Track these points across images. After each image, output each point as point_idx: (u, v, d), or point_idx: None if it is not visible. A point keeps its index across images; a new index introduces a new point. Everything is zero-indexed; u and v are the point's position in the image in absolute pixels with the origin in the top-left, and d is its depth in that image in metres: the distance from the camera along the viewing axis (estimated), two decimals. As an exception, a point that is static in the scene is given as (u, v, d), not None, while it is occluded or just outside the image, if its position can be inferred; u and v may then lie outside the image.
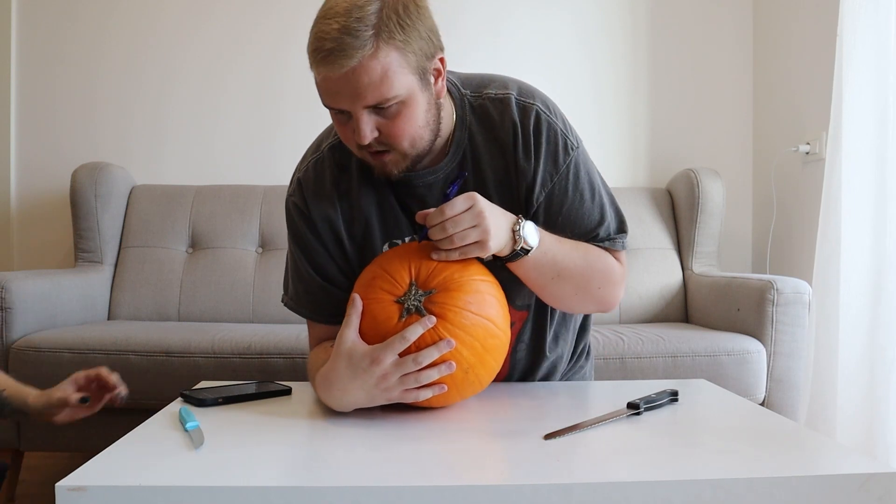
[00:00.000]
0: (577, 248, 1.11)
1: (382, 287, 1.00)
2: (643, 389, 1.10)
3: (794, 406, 1.94)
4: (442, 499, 0.72)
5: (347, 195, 1.12)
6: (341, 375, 0.96)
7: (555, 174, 1.10)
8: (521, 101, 1.10)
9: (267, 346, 1.84)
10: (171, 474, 0.77)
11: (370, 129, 0.98)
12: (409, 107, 0.99)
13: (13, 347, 1.88)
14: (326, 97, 0.99)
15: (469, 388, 1.01)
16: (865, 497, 0.75)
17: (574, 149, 1.11)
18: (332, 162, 1.13)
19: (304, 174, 1.14)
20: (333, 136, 1.14)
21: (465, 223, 0.97)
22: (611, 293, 1.15)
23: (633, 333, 1.95)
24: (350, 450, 0.89)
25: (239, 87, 2.70)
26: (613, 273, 1.14)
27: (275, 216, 2.45)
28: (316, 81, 0.99)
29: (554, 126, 1.10)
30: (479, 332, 0.98)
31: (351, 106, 0.97)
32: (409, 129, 1.00)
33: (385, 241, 1.13)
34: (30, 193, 2.68)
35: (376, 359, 0.94)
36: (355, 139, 1.00)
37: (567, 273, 1.09)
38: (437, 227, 0.98)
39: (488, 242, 0.98)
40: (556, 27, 2.72)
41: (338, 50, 0.92)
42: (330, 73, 0.94)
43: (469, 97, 1.11)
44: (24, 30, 2.68)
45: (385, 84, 0.94)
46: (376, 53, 0.93)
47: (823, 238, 1.94)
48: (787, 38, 2.53)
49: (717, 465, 0.80)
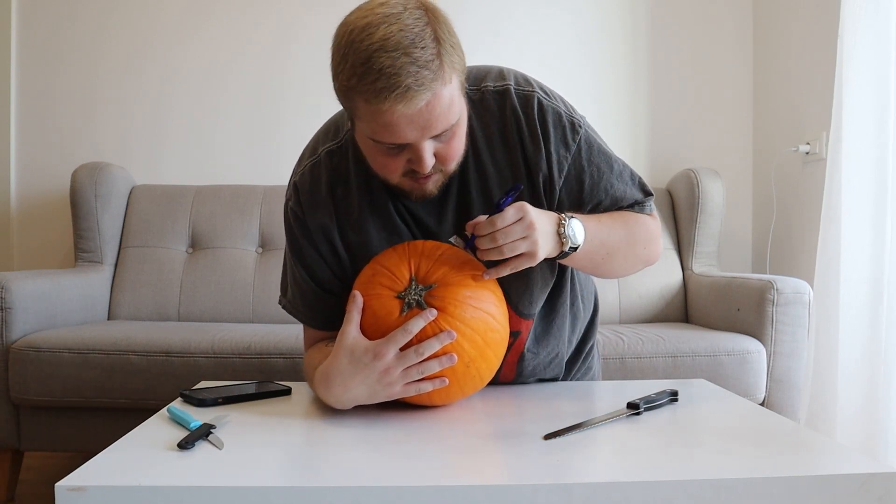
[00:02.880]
0: (615, 221, 1.12)
1: (382, 283, 1.00)
2: (643, 389, 1.10)
3: (794, 406, 1.94)
4: (442, 499, 0.72)
5: (345, 200, 1.09)
6: (342, 371, 0.96)
7: (568, 156, 1.09)
8: (521, 91, 1.08)
9: (267, 346, 1.84)
10: (170, 474, 0.77)
11: (431, 157, 0.95)
12: (461, 126, 0.98)
13: (13, 347, 1.87)
14: (389, 135, 0.91)
15: (470, 382, 1.01)
16: (865, 497, 0.75)
17: (580, 126, 1.11)
18: (330, 167, 1.10)
19: (300, 178, 1.11)
20: (332, 141, 1.12)
21: (516, 234, 0.96)
22: (654, 250, 1.19)
23: (633, 333, 1.95)
24: (350, 450, 0.89)
25: (239, 87, 2.70)
26: (652, 231, 1.17)
27: (275, 216, 2.45)
28: (371, 117, 0.90)
29: (557, 110, 1.09)
30: (479, 325, 0.99)
31: (417, 138, 0.92)
32: (460, 148, 1.00)
33: (381, 246, 1.11)
34: (30, 193, 2.68)
35: (378, 353, 0.94)
36: (412, 168, 0.96)
37: (615, 249, 1.11)
38: (486, 238, 0.96)
39: (537, 253, 0.97)
40: (556, 27, 2.72)
41: (416, 85, 0.86)
42: (406, 109, 0.88)
43: (468, 91, 1.07)
44: (24, 30, 2.68)
45: (451, 110, 0.92)
46: (445, 80, 0.90)
47: (824, 238, 1.94)
48: (787, 38, 2.53)
49: (717, 465, 0.80)
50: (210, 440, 0.87)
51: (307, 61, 2.66)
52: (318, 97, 2.75)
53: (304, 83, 2.67)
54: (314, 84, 2.66)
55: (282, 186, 2.50)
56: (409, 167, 0.97)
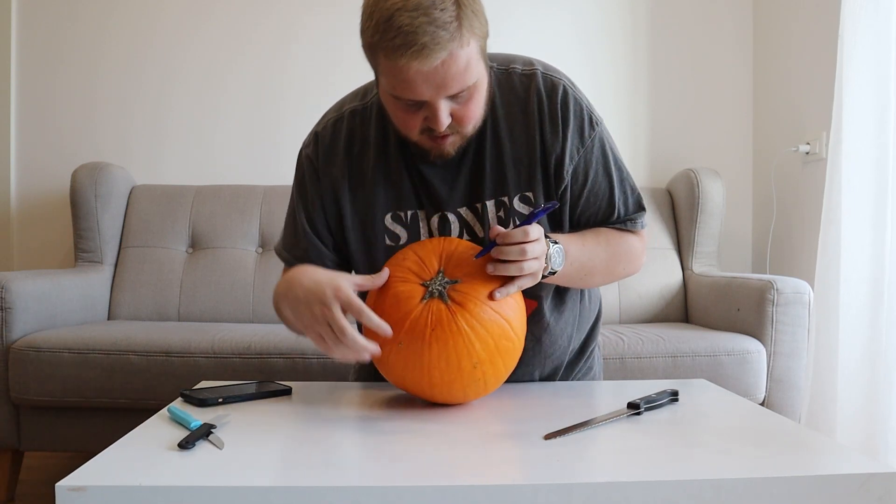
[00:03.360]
0: (599, 242, 1.15)
1: (411, 269, 1.02)
2: (643, 389, 1.10)
3: (794, 406, 1.94)
4: (442, 499, 0.72)
5: (360, 159, 1.14)
6: (300, 285, 1.02)
7: (581, 148, 1.12)
8: (548, 76, 1.12)
9: (267, 346, 1.84)
10: (170, 474, 0.76)
11: (446, 115, 1.00)
12: (479, 91, 1.02)
13: (13, 347, 1.88)
14: (406, 90, 0.97)
15: (473, 385, 1.01)
16: (865, 497, 0.75)
17: (598, 124, 1.14)
18: (351, 125, 1.15)
19: (322, 130, 1.17)
20: (358, 102, 1.17)
21: (535, 253, 0.99)
22: (633, 268, 1.23)
23: (633, 333, 1.95)
24: (350, 450, 0.89)
25: (239, 87, 2.70)
26: (635, 250, 1.20)
27: (275, 216, 2.45)
28: (391, 72, 0.96)
29: (580, 101, 1.13)
30: (495, 329, 0.99)
31: (433, 96, 0.97)
32: (478, 111, 1.04)
33: (388, 211, 1.14)
34: (30, 193, 2.68)
35: (326, 304, 0.96)
36: (429, 125, 1.01)
37: (594, 270, 1.15)
38: (515, 249, 0.97)
39: (538, 275, 1.02)
40: (556, 27, 2.72)
41: (432, 43, 0.92)
42: (421, 66, 0.93)
43: (496, 69, 1.13)
44: (24, 30, 2.68)
45: (468, 72, 0.97)
46: (462, 43, 0.95)
47: (824, 238, 1.94)
48: (787, 38, 2.53)
49: (717, 465, 0.80)
50: (210, 440, 0.87)
51: (307, 61, 2.66)
52: (318, 97, 2.75)
53: (304, 83, 2.67)
54: (314, 84, 2.66)
55: (282, 186, 2.52)
56: (426, 125, 1.02)
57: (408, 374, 1.00)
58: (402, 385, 1.04)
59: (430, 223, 1.14)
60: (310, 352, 1.82)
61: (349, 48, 2.65)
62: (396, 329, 0.97)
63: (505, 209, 1.12)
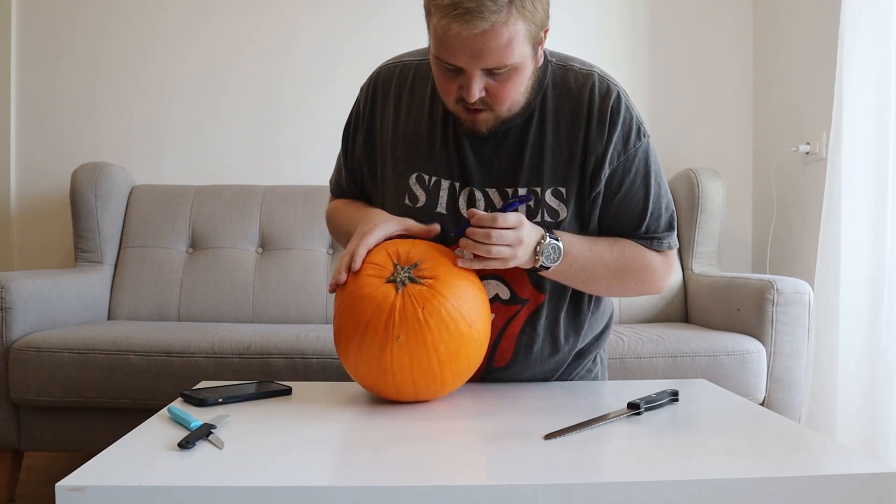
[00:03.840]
0: (612, 250, 1.15)
1: (369, 274, 1.04)
2: (643, 389, 1.10)
3: (794, 406, 1.94)
4: (442, 499, 0.72)
5: (409, 103, 1.17)
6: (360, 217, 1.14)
7: (623, 154, 1.13)
8: (605, 80, 1.15)
9: (267, 346, 1.84)
10: (170, 474, 0.77)
11: (479, 88, 1.02)
12: (519, 74, 1.03)
13: (13, 347, 1.87)
14: (445, 52, 1.00)
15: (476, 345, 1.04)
16: (865, 497, 0.75)
17: (645, 136, 1.16)
18: (403, 76, 1.19)
19: (384, 68, 1.22)
20: (418, 58, 1.20)
21: (506, 240, 1.02)
22: (651, 287, 1.21)
23: (633, 333, 1.95)
24: (350, 450, 0.90)
25: (239, 87, 2.70)
26: (652, 271, 1.19)
27: (275, 216, 2.45)
28: (435, 32, 1.00)
29: (631, 110, 1.15)
30: (470, 290, 1.04)
31: (469, 65, 1.00)
32: (514, 94, 1.06)
33: (415, 171, 1.16)
34: (30, 193, 2.68)
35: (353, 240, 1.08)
36: (462, 95, 1.03)
37: (597, 277, 1.14)
38: (481, 231, 1.02)
39: (509, 263, 1.05)
40: (556, 27, 2.69)
41: (476, 11, 0.94)
42: (461, 31, 0.96)
43: (554, 64, 1.15)
44: (24, 30, 2.68)
45: (508, 51, 0.99)
46: (508, 21, 0.96)
47: (824, 238, 1.94)
48: (787, 39, 2.53)
49: (717, 465, 0.80)
50: (210, 440, 0.87)
51: (307, 61, 2.66)
52: (318, 97, 2.76)
53: (304, 83, 2.67)
54: (314, 84, 2.66)
55: (282, 186, 2.52)
56: (460, 94, 1.04)
57: (415, 362, 1.00)
58: (411, 378, 1.02)
59: (458, 195, 1.15)
60: (310, 352, 1.82)
61: (349, 48, 2.67)
62: (387, 327, 0.99)
63: (536, 199, 1.13)
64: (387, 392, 1.05)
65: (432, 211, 1.15)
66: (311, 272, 2.37)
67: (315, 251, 2.42)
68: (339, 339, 1.05)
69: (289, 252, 2.41)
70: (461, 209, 1.15)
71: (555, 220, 1.13)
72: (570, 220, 1.14)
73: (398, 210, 1.17)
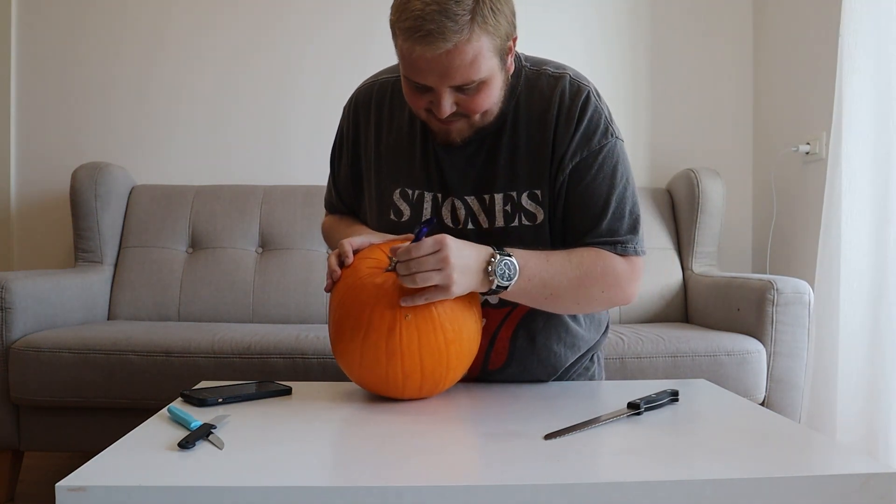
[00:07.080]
0: (569, 260, 1.09)
1: (368, 266, 1.05)
2: (643, 389, 1.10)
3: (794, 406, 1.94)
4: (442, 499, 0.72)
5: (389, 120, 1.19)
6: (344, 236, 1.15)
7: (586, 149, 1.12)
8: (576, 81, 1.15)
9: (267, 346, 1.84)
10: (170, 474, 0.77)
11: (450, 104, 1.04)
12: (489, 86, 1.04)
13: (13, 347, 1.87)
14: (412, 72, 1.02)
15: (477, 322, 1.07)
16: (865, 497, 0.75)
17: (613, 136, 1.13)
18: (381, 94, 1.21)
19: (364, 88, 1.24)
20: (393, 74, 1.21)
21: (429, 265, 0.98)
22: (617, 294, 1.14)
23: (633, 333, 1.95)
24: (350, 450, 0.90)
25: (240, 87, 2.70)
26: (616, 275, 1.12)
27: (275, 216, 2.45)
28: (402, 53, 1.01)
29: (600, 110, 1.14)
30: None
31: (437, 84, 1.01)
32: (486, 104, 1.06)
33: (398, 186, 1.17)
34: (30, 193, 2.68)
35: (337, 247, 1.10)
36: (434, 111, 1.05)
37: (561, 290, 1.09)
38: (403, 264, 0.99)
39: (451, 287, 0.99)
40: (557, 27, 2.72)
41: (437, 32, 0.95)
42: (425, 52, 0.97)
43: (528, 69, 1.16)
44: (24, 30, 2.68)
45: (474, 67, 1.00)
46: (471, 38, 0.97)
47: (824, 238, 1.94)
48: (787, 39, 2.53)
49: (717, 465, 0.80)
50: (210, 440, 0.87)
51: (307, 63, 2.66)
52: (317, 97, 2.76)
53: (304, 83, 2.67)
54: (314, 85, 2.66)
55: (282, 186, 2.52)
56: (431, 107, 1.05)
57: (424, 341, 1.01)
58: (419, 359, 1.02)
59: (440, 206, 1.15)
60: (310, 352, 1.82)
61: (348, 51, 2.67)
62: (394, 307, 1.01)
63: (512, 204, 1.12)
64: (394, 379, 1.03)
65: (417, 224, 1.15)
66: (311, 272, 2.37)
67: (315, 251, 2.42)
68: (341, 332, 1.05)
69: (289, 252, 2.41)
70: (445, 220, 1.15)
71: (532, 223, 1.12)
72: (546, 222, 1.13)
73: (384, 225, 1.18)
